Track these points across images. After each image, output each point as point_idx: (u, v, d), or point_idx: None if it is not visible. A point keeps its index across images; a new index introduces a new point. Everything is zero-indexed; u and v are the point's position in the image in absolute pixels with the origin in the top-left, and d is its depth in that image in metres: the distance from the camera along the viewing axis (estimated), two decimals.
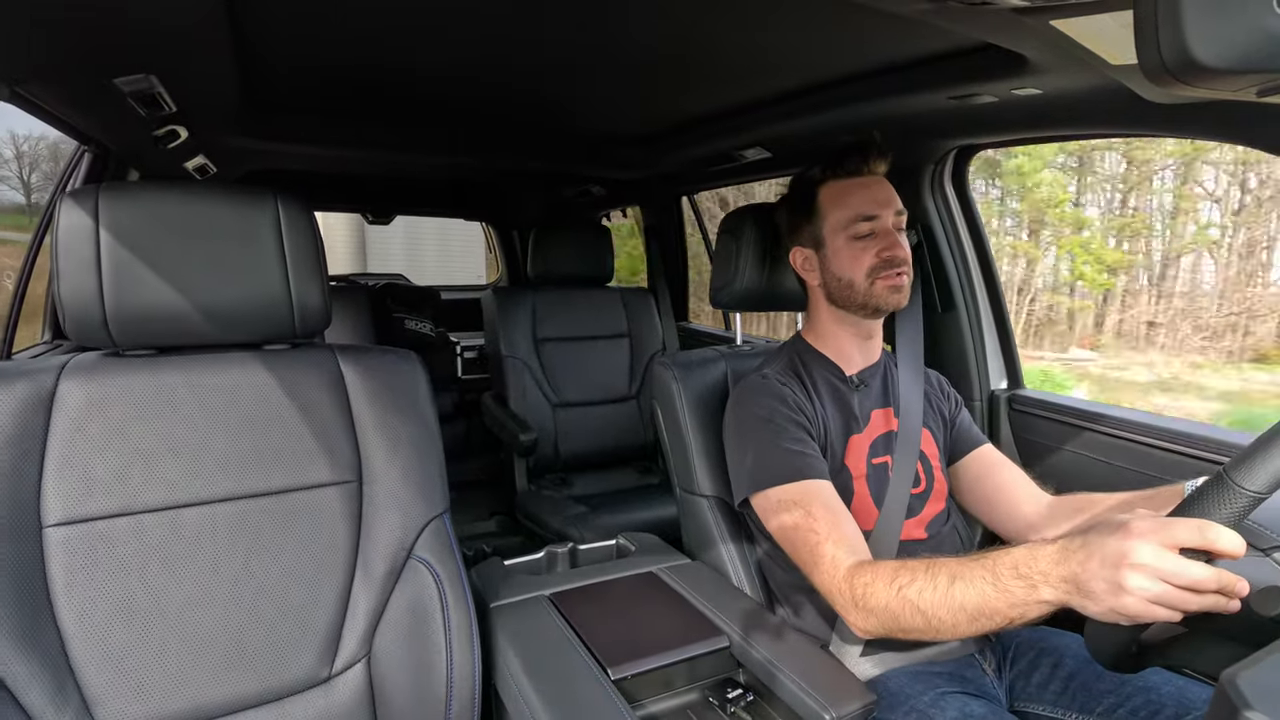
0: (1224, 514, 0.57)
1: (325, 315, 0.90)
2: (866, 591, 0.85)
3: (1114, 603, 0.63)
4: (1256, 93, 0.41)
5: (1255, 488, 0.56)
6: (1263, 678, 0.32)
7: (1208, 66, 0.37)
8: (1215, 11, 0.36)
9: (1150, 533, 0.62)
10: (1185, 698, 0.88)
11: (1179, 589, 0.60)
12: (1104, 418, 1.28)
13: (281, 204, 0.86)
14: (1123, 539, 0.64)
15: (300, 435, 0.87)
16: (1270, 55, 0.37)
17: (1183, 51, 0.37)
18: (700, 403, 1.18)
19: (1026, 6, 0.70)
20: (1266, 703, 0.30)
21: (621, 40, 1.17)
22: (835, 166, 1.08)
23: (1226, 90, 0.40)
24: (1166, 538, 0.61)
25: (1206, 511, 0.58)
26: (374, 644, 0.88)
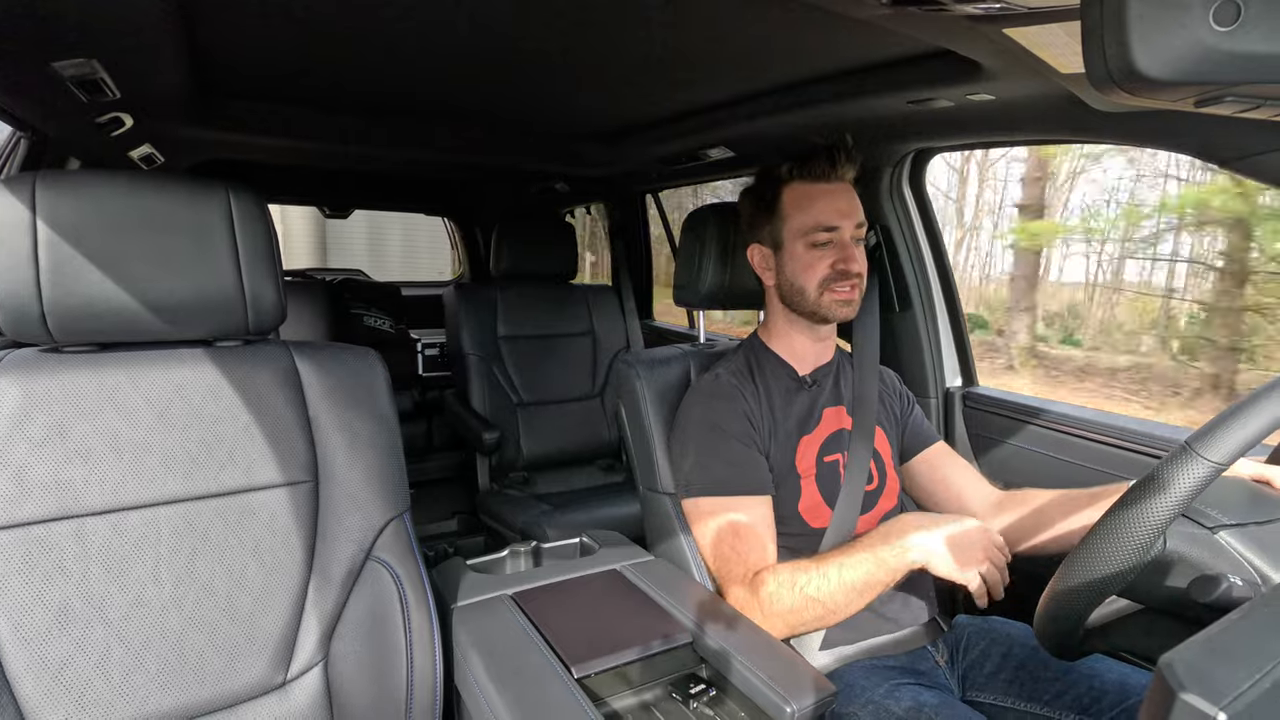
0: (1187, 483, 0.60)
1: (280, 311, 0.88)
2: (772, 599, 0.93)
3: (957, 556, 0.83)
4: (1194, 103, 0.43)
5: (1217, 458, 0.59)
6: (1197, 661, 0.33)
7: (1149, 77, 0.38)
8: (1157, 26, 0.37)
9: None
10: (1127, 683, 0.92)
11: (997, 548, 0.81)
12: (1053, 414, 1.32)
13: (233, 196, 0.83)
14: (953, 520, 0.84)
15: (253, 435, 0.84)
16: (1207, 68, 0.39)
17: (1126, 62, 0.38)
18: (663, 401, 1.19)
19: (980, 15, 0.72)
20: (1200, 685, 0.31)
21: (585, 38, 1.16)
22: (803, 168, 1.08)
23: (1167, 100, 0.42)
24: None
25: (1171, 481, 0.60)
26: (331, 648, 0.86)
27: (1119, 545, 0.62)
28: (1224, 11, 0.38)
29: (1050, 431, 1.32)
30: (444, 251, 8.19)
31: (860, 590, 0.88)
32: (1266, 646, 0.34)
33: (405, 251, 8.17)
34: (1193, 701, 0.31)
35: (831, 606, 0.89)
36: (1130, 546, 0.62)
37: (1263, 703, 0.31)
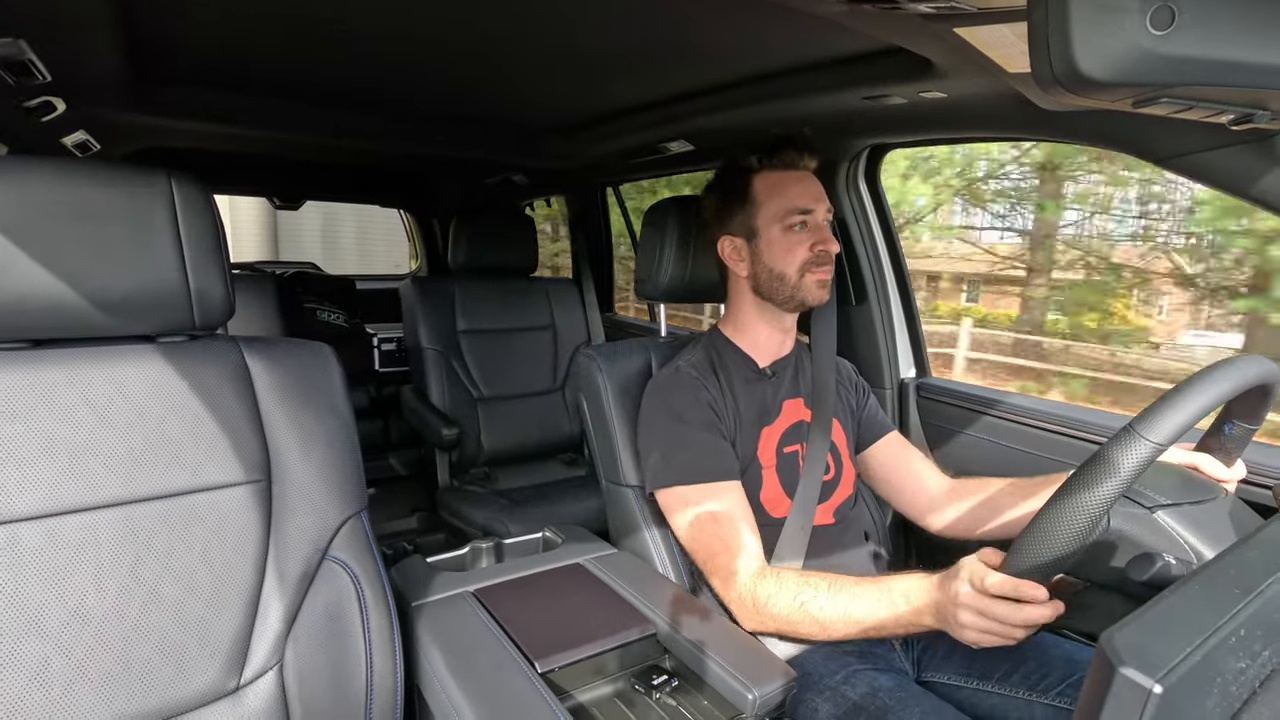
0: (1130, 462, 0.63)
1: (228, 305, 0.85)
2: (769, 601, 0.93)
3: (959, 633, 0.76)
4: (1132, 104, 0.45)
5: (1158, 439, 0.63)
6: (1135, 637, 0.35)
7: (1091, 78, 0.40)
8: (1098, 28, 0.39)
9: (968, 578, 0.75)
10: (1073, 660, 0.96)
11: (998, 623, 0.72)
12: (1003, 404, 1.37)
13: (176, 185, 0.80)
14: (955, 580, 0.76)
15: (200, 433, 0.81)
16: (1144, 70, 0.40)
17: (1070, 63, 0.39)
18: (625, 394, 1.19)
19: (932, 13, 0.74)
20: (1138, 659, 0.33)
21: (543, 29, 1.15)
22: (770, 157, 1.10)
23: (1107, 100, 0.44)
24: (980, 583, 0.73)
25: (1115, 461, 0.64)
26: (287, 651, 0.84)
27: (1068, 523, 0.65)
28: (1160, 16, 0.39)
29: (1000, 420, 1.36)
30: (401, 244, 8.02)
31: (863, 626, 0.86)
32: (1197, 620, 0.36)
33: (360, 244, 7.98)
34: (1131, 675, 0.32)
35: (826, 628, 0.89)
36: (1078, 524, 0.65)
37: (1195, 673, 0.33)
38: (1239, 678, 0.38)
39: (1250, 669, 0.39)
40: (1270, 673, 0.40)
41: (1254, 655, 0.39)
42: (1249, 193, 0.88)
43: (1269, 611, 0.39)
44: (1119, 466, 0.63)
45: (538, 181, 2.63)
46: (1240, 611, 0.37)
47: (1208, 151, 0.89)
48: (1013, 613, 0.71)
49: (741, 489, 1.03)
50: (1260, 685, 0.39)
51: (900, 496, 1.20)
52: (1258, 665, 0.39)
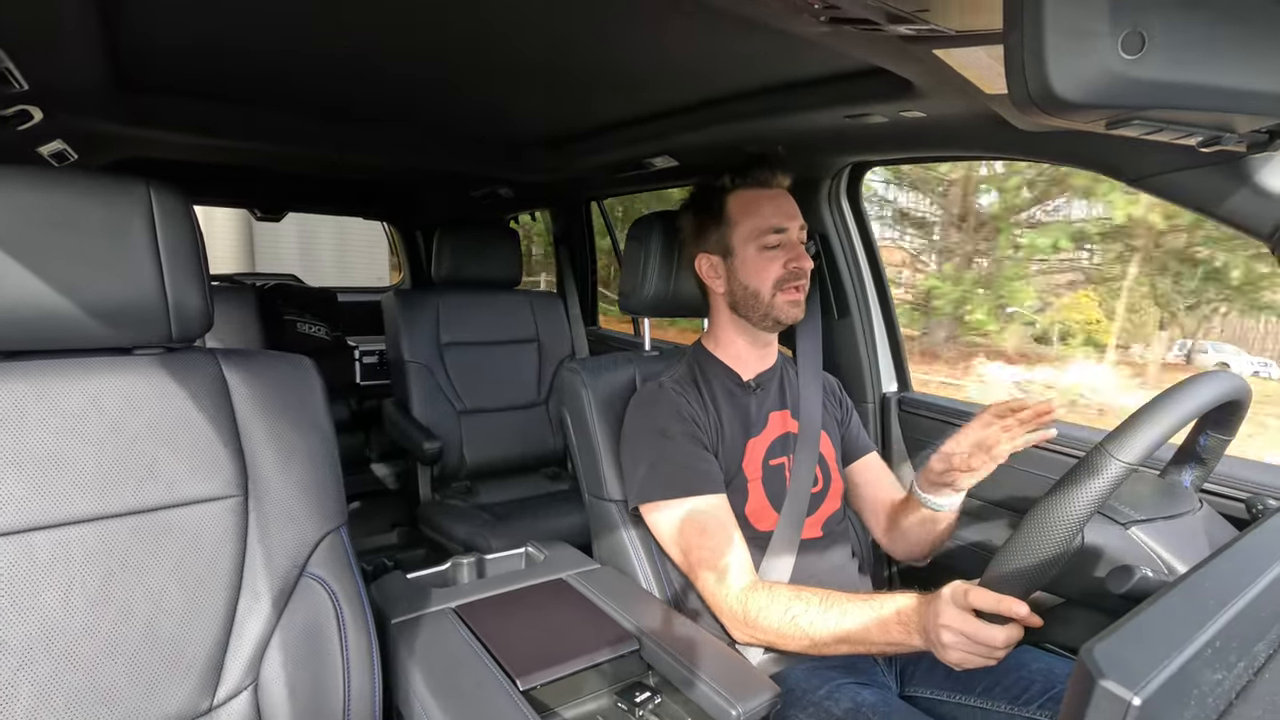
0: (1098, 482, 0.65)
1: (206, 317, 0.84)
2: (760, 614, 0.93)
3: (943, 654, 0.76)
4: (1105, 125, 0.46)
5: (1128, 458, 0.65)
6: (1115, 650, 0.35)
7: (1065, 100, 0.41)
8: (1072, 52, 0.40)
9: (952, 599, 0.75)
10: (1052, 673, 0.97)
11: (980, 644, 0.73)
12: None
13: (155, 195, 0.79)
14: (937, 601, 0.77)
15: (176, 447, 0.80)
16: (1116, 93, 0.41)
17: (1045, 86, 0.40)
18: (609, 408, 1.19)
19: (912, 35, 0.75)
20: (1118, 672, 0.33)
21: (530, 43, 1.16)
22: (744, 176, 1.11)
23: (1081, 121, 0.45)
24: (963, 601, 0.74)
25: (1085, 480, 0.65)
26: (262, 670, 0.82)
27: (1043, 542, 0.66)
28: (1131, 41, 0.40)
29: None
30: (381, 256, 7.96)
31: (852, 642, 0.87)
32: (1175, 633, 0.37)
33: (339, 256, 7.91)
34: (1111, 688, 0.32)
35: (816, 643, 0.89)
36: (1052, 542, 0.66)
37: (1172, 685, 0.33)
38: (1215, 689, 0.38)
39: (1226, 680, 0.39)
40: (1245, 684, 0.41)
41: (1230, 667, 0.39)
42: (1216, 212, 0.90)
43: (1243, 623, 0.40)
44: (1090, 488, 0.64)
45: (523, 195, 2.64)
46: (1216, 623, 0.38)
47: (1178, 172, 0.92)
48: (995, 634, 0.72)
49: (726, 501, 1.03)
50: (1236, 697, 0.40)
51: (870, 519, 1.22)
52: (1233, 677, 0.40)
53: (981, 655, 0.74)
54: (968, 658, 0.75)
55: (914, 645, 0.82)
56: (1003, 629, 0.72)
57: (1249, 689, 0.40)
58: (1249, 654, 0.42)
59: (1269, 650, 0.44)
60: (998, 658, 0.74)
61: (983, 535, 1.36)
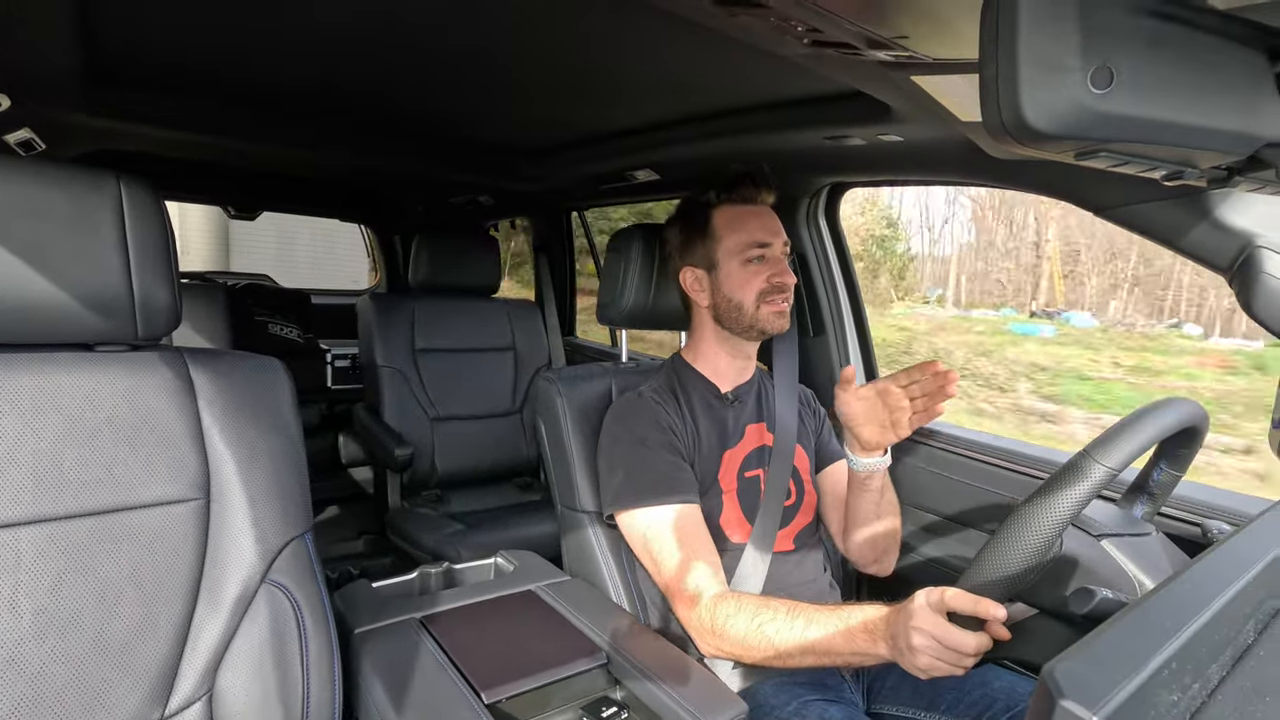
0: (1083, 485, 0.67)
1: (173, 315, 0.82)
2: (727, 623, 0.92)
3: (911, 659, 0.75)
4: (1075, 156, 0.48)
5: (1111, 464, 0.67)
6: (1075, 669, 0.36)
7: (1037, 130, 0.42)
8: (1044, 84, 0.41)
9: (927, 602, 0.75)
10: (1015, 691, 0.98)
11: (950, 650, 0.72)
12: (946, 436, 1.41)
13: (125, 188, 0.77)
14: (911, 603, 0.76)
15: (136, 448, 0.78)
16: (1085, 125, 0.43)
17: (1018, 115, 0.42)
18: (584, 419, 1.18)
19: (890, 61, 0.77)
20: (1078, 692, 0.33)
21: (515, 51, 1.16)
22: (729, 192, 1.13)
23: (1052, 152, 0.46)
24: (938, 601, 0.73)
25: (1070, 483, 0.67)
26: (218, 680, 0.80)
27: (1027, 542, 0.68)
28: (1100, 76, 0.42)
29: (943, 453, 1.40)
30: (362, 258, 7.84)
31: (817, 654, 0.86)
32: (1133, 654, 0.38)
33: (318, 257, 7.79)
34: (1071, 708, 0.33)
35: (781, 653, 0.88)
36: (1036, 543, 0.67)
37: (1130, 706, 0.34)
38: (1170, 711, 0.39)
39: (1181, 702, 0.40)
40: (1199, 706, 0.42)
41: (1184, 688, 0.40)
42: (1178, 244, 0.93)
43: (1198, 646, 0.41)
44: (1075, 488, 0.66)
45: (504, 203, 2.63)
46: (1172, 646, 0.39)
47: (1142, 204, 0.95)
48: (966, 640, 0.72)
49: (700, 511, 1.04)
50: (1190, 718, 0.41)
51: (830, 526, 1.23)
52: (1188, 698, 0.41)
53: (950, 662, 0.73)
54: (935, 664, 0.74)
55: (879, 655, 0.81)
56: (974, 636, 0.72)
57: (1202, 711, 0.41)
58: (1203, 676, 0.43)
59: (1222, 673, 0.45)
60: (966, 665, 0.74)
61: (945, 551, 1.38)
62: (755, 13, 0.69)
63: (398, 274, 3.34)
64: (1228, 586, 0.46)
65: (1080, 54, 0.41)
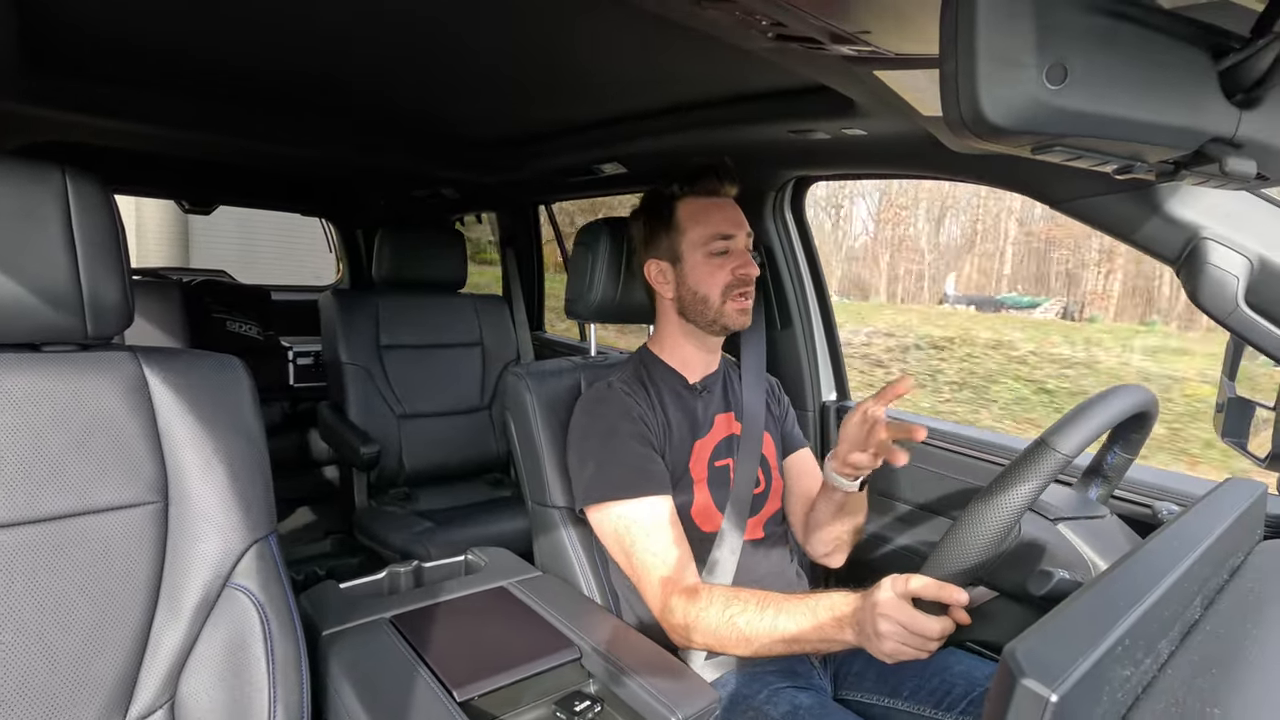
0: (1041, 471, 0.69)
1: (125, 313, 0.79)
2: (700, 615, 0.93)
3: (877, 644, 0.77)
4: (1031, 150, 0.49)
5: (1066, 450, 0.70)
6: (1034, 649, 0.37)
7: (995, 125, 0.43)
8: (1001, 80, 0.42)
9: (891, 585, 0.76)
10: (973, 675, 1.01)
11: (915, 635, 0.74)
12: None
13: (72, 182, 0.74)
14: (878, 589, 0.78)
15: (88, 451, 0.75)
16: (1040, 120, 0.44)
17: (976, 110, 0.43)
18: (553, 413, 1.18)
19: (853, 56, 0.78)
20: (1037, 670, 0.35)
21: (481, 41, 1.15)
22: (692, 185, 1.13)
23: (1009, 146, 0.47)
24: (903, 587, 0.75)
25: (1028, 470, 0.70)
26: (180, 688, 0.78)
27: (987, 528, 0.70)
28: (1054, 73, 0.43)
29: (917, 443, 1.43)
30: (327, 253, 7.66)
31: (787, 642, 0.88)
32: (1088, 632, 0.39)
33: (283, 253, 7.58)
34: (1031, 686, 0.34)
35: (752, 642, 0.90)
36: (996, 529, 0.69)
37: (1086, 681, 0.35)
38: (1124, 684, 0.40)
39: (1134, 676, 0.41)
40: (1151, 680, 0.43)
41: (1137, 663, 0.42)
42: (1129, 236, 0.96)
43: (1149, 623, 0.43)
44: (1033, 474, 0.69)
45: (469, 196, 2.60)
46: (1124, 624, 0.40)
47: (1095, 197, 0.98)
48: (930, 625, 0.73)
49: (672, 503, 1.04)
50: (1143, 691, 0.42)
51: (791, 515, 1.24)
52: (1140, 672, 0.42)
53: (914, 646, 0.75)
54: (901, 648, 0.76)
55: (846, 641, 0.83)
56: (938, 620, 0.74)
57: (1154, 684, 0.43)
58: (1154, 651, 0.44)
59: (1170, 647, 0.47)
60: (930, 650, 0.76)
61: (911, 538, 1.41)
62: (722, 7, 0.69)
63: (361, 269, 3.28)
64: (1176, 565, 0.48)
65: (1036, 51, 0.42)
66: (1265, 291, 0.88)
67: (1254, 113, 0.52)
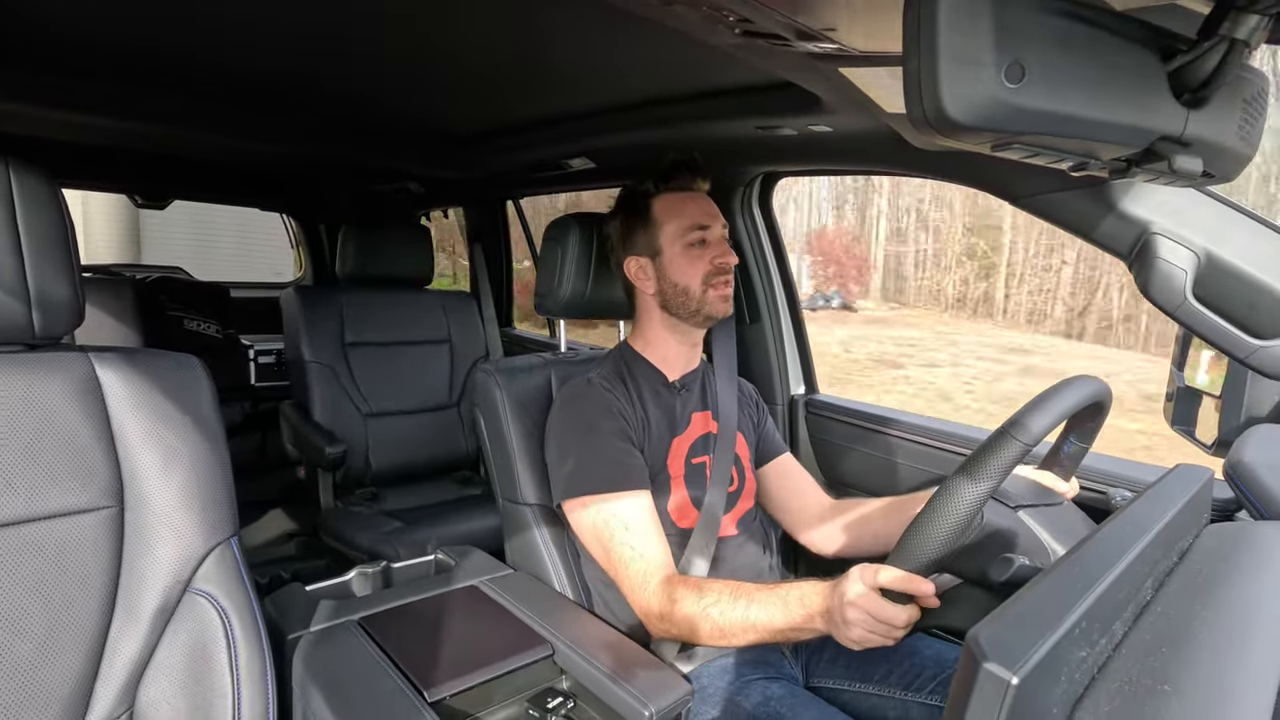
0: (1002, 459, 0.71)
1: (75, 312, 0.76)
2: (675, 606, 0.94)
3: (845, 632, 0.79)
4: (991, 147, 0.50)
5: (1026, 439, 0.71)
6: (996, 634, 0.38)
7: (956, 122, 0.44)
8: (961, 79, 0.43)
9: (859, 577, 0.78)
10: (942, 658, 1.04)
11: (883, 623, 0.76)
12: (884, 419, 1.46)
13: (15, 175, 0.71)
14: (846, 580, 0.80)
15: (38, 455, 0.72)
16: (999, 118, 0.45)
17: (938, 108, 0.43)
18: (524, 410, 1.17)
19: (819, 53, 0.79)
20: (999, 654, 0.36)
21: (447, 33, 1.13)
22: (666, 180, 1.15)
23: (970, 143, 0.48)
24: (871, 579, 0.77)
25: (988, 460, 0.71)
26: (139, 696, 0.76)
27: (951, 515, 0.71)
28: (1013, 72, 0.44)
29: (880, 435, 1.46)
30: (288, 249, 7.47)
31: (759, 631, 0.89)
32: (1047, 616, 0.40)
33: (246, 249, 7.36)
34: (993, 669, 0.35)
35: (726, 633, 0.91)
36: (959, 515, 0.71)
37: (1045, 664, 0.37)
38: (1081, 665, 0.42)
39: (1090, 657, 0.43)
40: (1106, 659, 0.45)
41: (1093, 644, 0.43)
42: (1084, 231, 0.99)
43: (1104, 606, 0.44)
44: (995, 463, 0.70)
45: (435, 191, 2.56)
46: (1081, 606, 0.42)
47: (1052, 193, 1.00)
48: (897, 614, 0.76)
49: (651, 498, 1.04)
50: (1098, 671, 0.44)
51: (787, 515, 1.26)
52: (1096, 653, 0.44)
53: (881, 634, 0.77)
54: (868, 636, 0.78)
55: (816, 629, 0.84)
56: (904, 609, 0.76)
57: (1109, 663, 0.45)
58: (1109, 632, 0.46)
59: (1124, 628, 0.49)
60: (896, 638, 0.78)
61: None
62: (688, 2, 0.69)
63: (324, 265, 3.21)
64: (1129, 549, 0.50)
65: (995, 50, 0.43)
66: (1211, 285, 0.91)
67: (1201, 112, 0.54)
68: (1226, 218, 0.91)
